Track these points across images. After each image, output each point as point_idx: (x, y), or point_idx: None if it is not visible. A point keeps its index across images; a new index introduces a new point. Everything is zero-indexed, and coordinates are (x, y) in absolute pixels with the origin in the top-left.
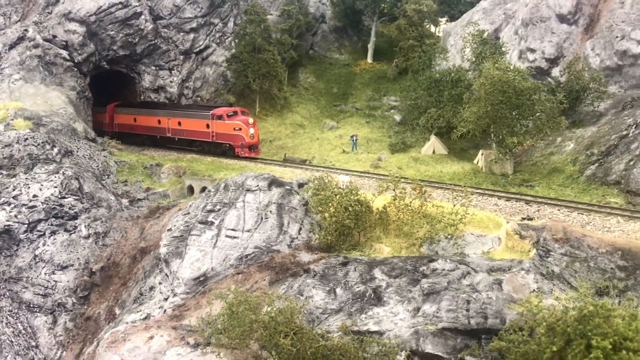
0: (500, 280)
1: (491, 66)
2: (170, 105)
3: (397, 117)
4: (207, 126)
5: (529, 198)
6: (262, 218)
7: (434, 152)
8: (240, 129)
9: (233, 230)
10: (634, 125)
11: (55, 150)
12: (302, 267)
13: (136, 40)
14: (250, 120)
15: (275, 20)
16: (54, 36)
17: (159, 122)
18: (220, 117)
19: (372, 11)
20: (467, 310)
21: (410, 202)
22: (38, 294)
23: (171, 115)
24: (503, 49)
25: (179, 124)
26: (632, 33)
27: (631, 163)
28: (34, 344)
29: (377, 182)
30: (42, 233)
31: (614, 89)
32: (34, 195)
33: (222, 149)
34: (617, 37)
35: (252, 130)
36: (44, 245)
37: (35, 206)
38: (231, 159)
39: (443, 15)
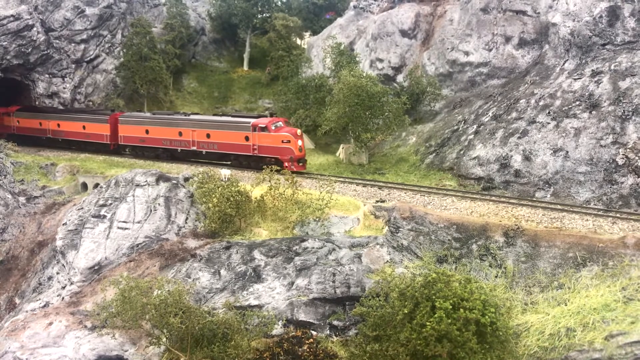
0: (360, 254)
1: (347, 74)
2: (193, 114)
3: None
4: (246, 138)
5: (381, 184)
6: (151, 210)
7: None
8: (289, 142)
9: (124, 222)
10: (463, 121)
11: None
12: (189, 252)
13: (29, 50)
14: (298, 132)
15: (159, 32)
16: None
17: (180, 134)
18: (264, 129)
19: (246, 25)
20: (334, 281)
21: (284, 191)
22: None
23: (197, 127)
24: (357, 59)
25: (208, 136)
26: (460, 45)
27: (461, 152)
28: None
29: (255, 175)
30: None
31: (446, 91)
32: None
33: (264, 163)
34: (448, 48)
35: (300, 143)
36: None
37: None
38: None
39: (307, 29)
